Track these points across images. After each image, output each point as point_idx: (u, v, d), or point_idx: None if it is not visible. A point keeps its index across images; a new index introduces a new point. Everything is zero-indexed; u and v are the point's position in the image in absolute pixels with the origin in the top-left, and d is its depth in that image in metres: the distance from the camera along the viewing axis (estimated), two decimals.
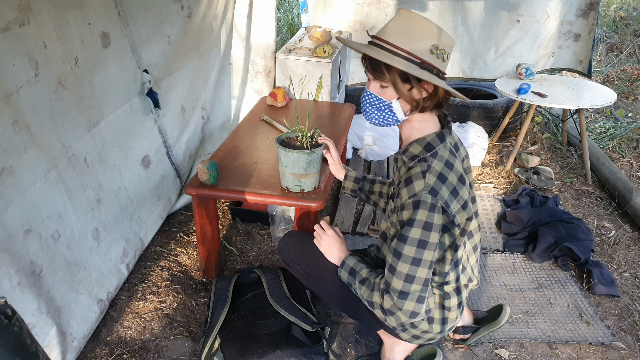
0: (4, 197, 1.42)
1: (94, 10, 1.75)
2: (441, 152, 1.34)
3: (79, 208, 1.78)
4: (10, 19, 1.36)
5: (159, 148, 2.33)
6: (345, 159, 3.06)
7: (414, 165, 1.34)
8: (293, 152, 1.75)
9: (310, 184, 1.89)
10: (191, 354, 1.84)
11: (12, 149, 1.43)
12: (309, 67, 2.85)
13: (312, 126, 2.47)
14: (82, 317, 1.77)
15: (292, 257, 1.72)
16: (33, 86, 1.49)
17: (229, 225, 2.59)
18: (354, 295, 1.56)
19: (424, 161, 1.32)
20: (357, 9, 3.52)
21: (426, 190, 1.27)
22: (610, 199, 2.87)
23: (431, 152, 1.33)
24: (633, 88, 4.57)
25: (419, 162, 1.33)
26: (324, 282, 1.64)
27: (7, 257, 1.43)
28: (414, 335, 1.54)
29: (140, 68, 2.07)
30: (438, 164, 1.31)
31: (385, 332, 1.69)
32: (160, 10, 2.14)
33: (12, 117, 1.41)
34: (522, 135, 3.07)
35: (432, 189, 1.27)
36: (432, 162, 1.31)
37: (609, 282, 2.16)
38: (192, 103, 2.61)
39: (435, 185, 1.28)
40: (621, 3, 6.47)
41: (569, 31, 3.52)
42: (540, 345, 1.91)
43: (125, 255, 2.07)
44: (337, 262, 1.57)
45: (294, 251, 1.72)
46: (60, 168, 1.66)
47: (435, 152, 1.33)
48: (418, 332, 1.53)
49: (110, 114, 1.93)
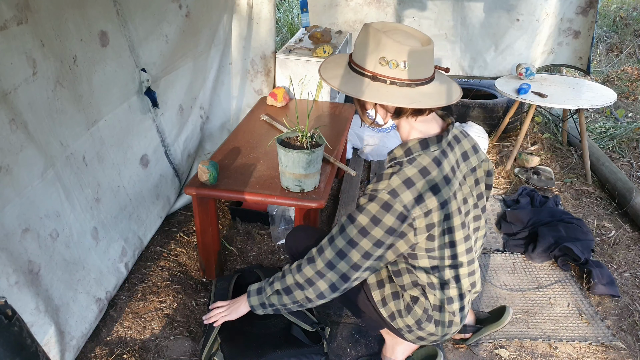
0: (1, 195, 1.42)
1: (93, 8, 1.75)
2: (420, 159, 1.34)
3: (77, 207, 1.78)
4: (8, 17, 1.36)
5: (157, 147, 2.33)
6: (345, 159, 3.06)
7: (389, 166, 1.38)
8: (293, 152, 1.76)
9: (310, 184, 1.89)
10: (191, 354, 1.84)
11: (8, 148, 1.43)
12: (309, 67, 2.85)
13: (312, 126, 2.47)
14: (80, 316, 1.77)
15: (302, 251, 1.70)
16: (31, 85, 1.48)
17: (229, 225, 2.59)
18: (360, 293, 1.56)
19: (399, 165, 1.35)
20: (357, 9, 3.52)
21: (386, 190, 1.30)
22: (610, 199, 2.87)
23: (409, 157, 1.35)
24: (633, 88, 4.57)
25: (394, 165, 1.36)
26: None
27: (4, 255, 1.43)
28: (419, 336, 1.54)
29: (138, 67, 2.07)
30: (411, 169, 1.32)
31: (388, 332, 1.69)
32: (158, 9, 2.14)
33: (8, 116, 1.41)
34: (522, 135, 3.07)
35: (392, 190, 1.29)
36: (405, 166, 1.33)
37: (609, 282, 2.16)
38: (190, 102, 2.61)
39: (398, 188, 1.30)
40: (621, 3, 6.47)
41: (569, 28, 3.52)
42: (540, 345, 1.91)
43: (124, 255, 2.06)
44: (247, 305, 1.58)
45: (304, 247, 1.70)
46: (58, 167, 1.66)
47: (412, 158, 1.34)
48: (424, 334, 1.53)
49: (108, 112, 1.93)
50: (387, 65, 1.27)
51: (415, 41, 1.30)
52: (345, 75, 1.35)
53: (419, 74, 1.29)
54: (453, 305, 1.48)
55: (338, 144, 2.30)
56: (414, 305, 1.48)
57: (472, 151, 1.48)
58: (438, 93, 1.33)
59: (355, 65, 1.33)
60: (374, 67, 1.29)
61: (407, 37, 1.30)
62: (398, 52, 1.26)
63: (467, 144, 1.47)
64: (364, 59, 1.31)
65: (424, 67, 1.30)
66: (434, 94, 1.32)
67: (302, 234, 1.74)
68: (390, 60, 1.27)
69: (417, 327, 1.49)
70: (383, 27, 1.32)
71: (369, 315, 1.58)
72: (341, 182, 2.96)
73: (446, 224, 1.37)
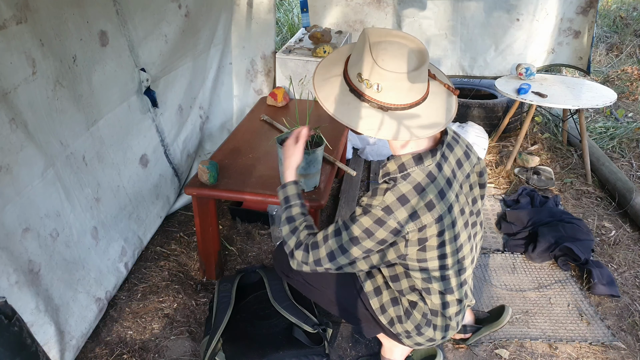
0: (2, 195, 1.42)
1: (92, 8, 1.74)
2: (414, 175, 1.31)
3: (77, 207, 1.78)
4: (7, 16, 1.36)
5: (157, 147, 2.33)
6: (345, 159, 3.05)
7: (382, 182, 1.35)
8: None
9: (310, 184, 1.89)
10: (191, 354, 1.84)
11: (8, 147, 1.43)
12: (309, 67, 2.85)
13: (312, 126, 2.47)
14: (80, 315, 1.77)
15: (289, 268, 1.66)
16: (30, 84, 1.48)
17: (229, 225, 2.59)
18: (356, 303, 1.55)
19: (393, 180, 1.32)
20: (357, 9, 3.51)
21: (380, 206, 1.29)
22: (610, 199, 2.87)
23: (402, 173, 1.32)
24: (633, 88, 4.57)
25: (388, 181, 1.33)
26: (325, 291, 1.62)
27: (5, 255, 1.43)
28: (417, 342, 1.53)
29: (138, 67, 2.07)
30: (405, 186, 1.29)
31: (385, 336, 1.68)
32: (158, 9, 2.14)
33: (8, 115, 1.41)
34: (522, 135, 3.07)
35: (386, 207, 1.28)
36: (400, 182, 1.30)
37: (609, 282, 2.16)
38: (190, 102, 2.61)
39: (392, 205, 1.28)
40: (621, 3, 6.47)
41: (569, 28, 3.52)
42: (541, 345, 1.91)
43: (123, 254, 2.06)
44: (283, 178, 1.59)
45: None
46: (58, 166, 1.66)
47: (406, 174, 1.31)
48: (422, 340, 1.51)
49: (108, 112, 1.93)
50: (362, 83, 1.24)
51: (402, 62, 1.21)
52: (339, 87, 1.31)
53: (398, 99, 1.23)
54: (449, 310, 1.47)
55: (338, 144, 2.29)
56: (412, 310, 1.47)
57: (465, 157, 1.45)
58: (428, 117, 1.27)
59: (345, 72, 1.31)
60: (354, 80, 1.26)
61: (393, 57, 1.21)
62: (374, 73, 1.20)
63: (459, 151, 1.44)
64: (351, 68, 1.28)
65: (405, 93, 1.23)
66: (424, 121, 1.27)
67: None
68: (365, 79, 1.23)
69: (417, 333, 1.48)
70: (376, 38, 1.24)
71: (366, 322, 1.58)
72: (341, 182, 2.96)
73: (445, 235, 1.35)
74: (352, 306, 1.57)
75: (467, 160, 1.45)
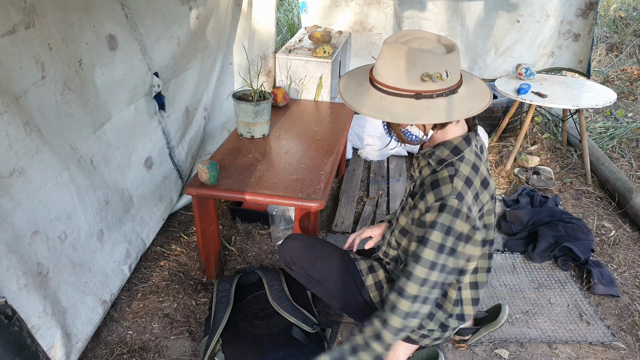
0: (13, 198, 1.42)
1: (99, 12, 1.74)
2: (468, 156, 1.32)
3: (89, 209, 1.78)
4: (16, 21, 1.36)
5: (162, 149, 2.32)
6: (345, 159, 3.06)
7: (441, 169, 1.32)
8: (242, 103, 2.21)
9: (259, 132, 2.29)
10: (191, 354, 1.84)
11: (24, 151, 1.43)
12: (309, 67, 2.85)
13: (311, 127, 2.47)
14: (87, 318, 1.77)
15: (296, 260, 1.70)
16: (40, 88, 1.48)
17: (229, 225, 2.59)
18: (357, 298, 1.56)
19: (451, 165, 1.31)
20: (357, 9, 3.52)
21: (453, 194, 1.26)
22: (610, 199, 2.87)
23: (458, 155, 1.31)
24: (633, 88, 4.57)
25: (447, 167, 1.31)
26: (327, 284, 1.63)
27: (15, 258, 1.43)
28: (422, 334, 1.54)
29: (151, 70, 2.07)
30: (465, 167, 1.30)
31: None
32: (169, 12, 2.14)
33: (23, 119, 1.41)
34: (522, 135, 3.07)
35: (459, 193, 1.26)
36: (459, 166, 1.30)
37: (609, 282, 2.16)
38: (196, 104, 2.61)
39: (462, 190, 1.27)
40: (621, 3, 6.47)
41: (569, 31, 3.52)
42: (540, 345, 1.91)
43: (128, 257, 2.06)
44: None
45: (297, 255, 1.70)
46: (72, 169, 1.66)
47: (462, 156, 1.31)
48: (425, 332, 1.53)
49: (115, 115, 1.93)
50: (430, 80, 1.21)
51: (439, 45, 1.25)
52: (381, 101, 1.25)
53: (456, 77, 1.25)
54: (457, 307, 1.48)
55: (338, 144, 2.30)
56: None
57: (484, 146, 1.47)
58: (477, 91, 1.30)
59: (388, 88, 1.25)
60: (417, 85, 1.22)
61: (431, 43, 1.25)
62: (438, 64, 1.20)
63: (480, 139, 1.46)
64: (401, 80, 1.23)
65: (458, 69, 1.25)
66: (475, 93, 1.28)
67: (297, 242, 1.73)
68: (433, 74, 1.21)
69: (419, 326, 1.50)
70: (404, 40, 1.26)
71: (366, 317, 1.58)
72: (341, 182, 2.96)
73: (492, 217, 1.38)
74: (353, 300, 1.58)
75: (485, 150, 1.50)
